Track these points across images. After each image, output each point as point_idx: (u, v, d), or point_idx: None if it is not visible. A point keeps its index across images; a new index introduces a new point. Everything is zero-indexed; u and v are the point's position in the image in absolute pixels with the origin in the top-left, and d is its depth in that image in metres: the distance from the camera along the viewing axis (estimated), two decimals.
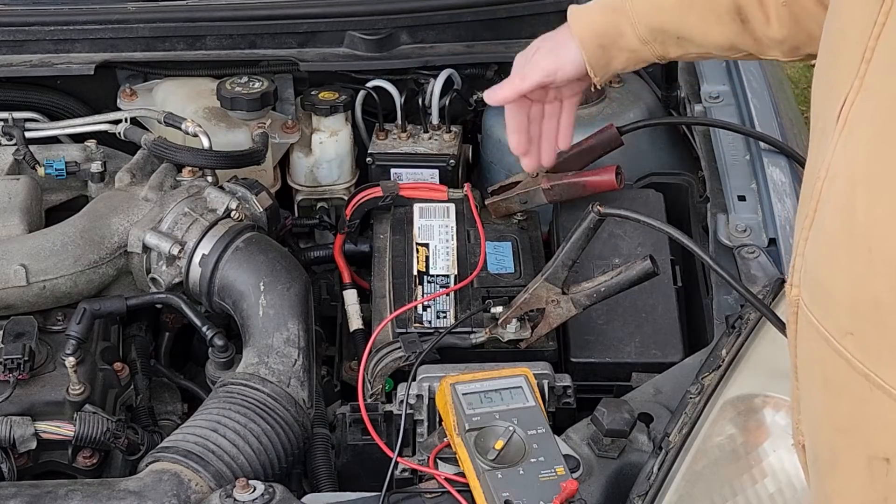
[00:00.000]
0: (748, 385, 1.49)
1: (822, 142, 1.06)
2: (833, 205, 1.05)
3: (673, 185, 2.08)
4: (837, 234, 1.04)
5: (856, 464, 1.08)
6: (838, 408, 1.09)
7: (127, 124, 2.10)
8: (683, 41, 1.69)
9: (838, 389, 1.08)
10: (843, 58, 1.04)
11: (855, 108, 1.02)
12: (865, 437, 1.07)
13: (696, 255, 1.63)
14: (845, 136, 1.03)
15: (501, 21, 2.29)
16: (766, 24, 1.61)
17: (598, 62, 1.73)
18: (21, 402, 1.70)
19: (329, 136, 2.20)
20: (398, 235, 1.97)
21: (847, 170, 1.03)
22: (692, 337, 1.81)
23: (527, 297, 1.71)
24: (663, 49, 1.71)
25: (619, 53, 1.73)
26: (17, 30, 2.22)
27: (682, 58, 1.78)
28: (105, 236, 1.88)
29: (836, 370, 1.06)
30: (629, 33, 1.69)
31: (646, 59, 1.74)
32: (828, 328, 1.07)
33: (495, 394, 1.53)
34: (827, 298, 1.07)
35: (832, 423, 1.11)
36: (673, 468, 1.44)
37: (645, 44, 1.70)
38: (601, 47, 1.72)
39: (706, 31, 1.66)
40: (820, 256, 1.08)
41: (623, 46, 1.71)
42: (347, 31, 2.25)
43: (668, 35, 1.69)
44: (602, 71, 1.75)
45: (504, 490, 1.41)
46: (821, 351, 1.08)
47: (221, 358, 1.80)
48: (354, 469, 1.74)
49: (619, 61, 1.74)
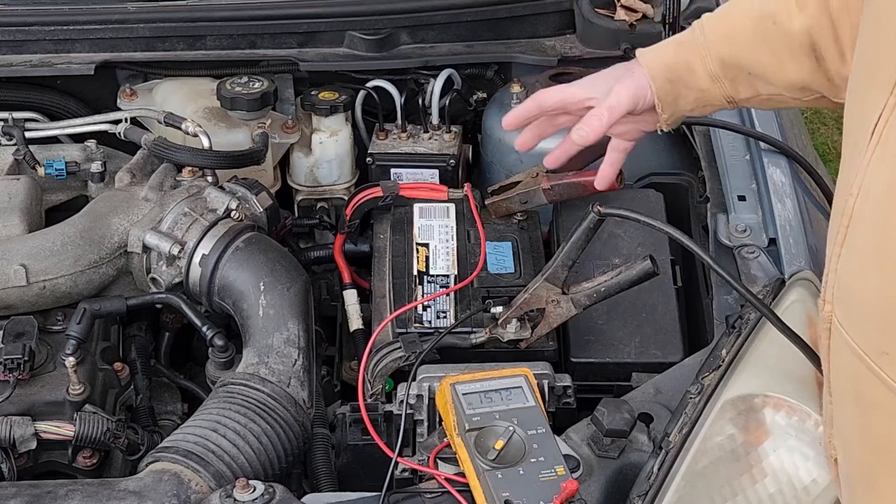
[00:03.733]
0: (748, 385, 1.49)
1: (855, 157, 1.05)
2: (866, 222, 1.04)
3: (673, 185, 2.08)
4: (870, 251, 1.03)
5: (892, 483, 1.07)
6: (871, 426, 1.08)
7: (127, 124, 2.11)
8: (754, 78, 1.63)
9: (871, 407, 1.07)
10: (880, 73, 1.03)
11: (890, 125, 1.00)
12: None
13: (696, 255, 1.62)
14: (879, 153, 1.02)
15: (501, 21, 2.29)
16: (841, 62, 1.53)
17: (667, 97, 1.68)
18: (21, 402, 1.70)
19: (329, 136, 2.20)
20: (398, 235, 1.97)
21: (880, 187, 1.02)
22: (692, 337, 1.81)
23: (527, 297, 1.71)
24: (733, 88, 1.64)
25: (687, 92, 1.67)
26: (17, 30, 2.23)
27: (752, 101, 1.68)
28: (105, 236, 1.88)
29: (870, 388, 1.05)
30: (699, 69, 1.64)
31: (714, 101, 1.67)
32: (862, 346, 1.06)
33: (495, 394, 1.54)
34: (860, 315, 1.06)
35: (866, 442, 1.10)
36: (673, 468, 1.44)
37: (714, 81, 1.64)
38: (670, 82, 1.67)
39: (779, 68, 1.59)
40: (853, 273, 1.07)
41: (692, 84, 1.66)
42: (347, 31, 2.25)
43: (740, 70, 1.63)
44: (670, 108, 1.69)
45: (504, 490, 1.41)
46: (854, 368, 1.07)
47: (221, 358, 1.80)
48: (354, 469, 1.74)
49: (688, 101, 1.68)
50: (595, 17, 2.26)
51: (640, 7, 2.26)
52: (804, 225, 1.79)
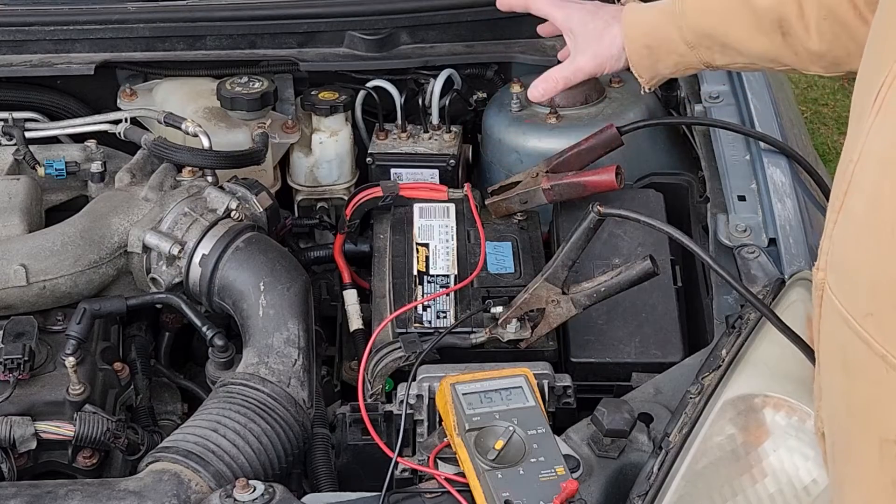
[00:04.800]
0: (748, 385, 1.49)
1: (858, 126, 1.06)
2: (862, 188, 1.05)
3: (673, 185, 2.08)
4: (864, 216, 1.04)
5: (868, 447, 1.08)
6: (855, 390, 1.09)
7: (127, 124, 2.10)
8: (728, 49, 1.68)
9: (856, 372, 1.07)
10: (887, 43, 1.03)
11: (892, 90, 1.01)
12: (879, 419, 1.06)
13: (696, 255, 1.62)
14: (880, 120, 1.02)
15: (501, 21, 2.29)
16: (807, 37, 1.59)
17: (643, 62, 1.74)
18: (21, 402, 1.70)
19: (329, 136, 2.20)
20: (398, 235, 1.97)
21: (878, 153, 1.02)
22: (692, 337, 1.81)
23: (527, 297, 1.71)
24: (709, 55, 1.71)
25: (666, 56, 1.73)
26: (17, 30, 2.23)
27: (729, 66, 1.76)
28: (105, 236, 1.88)
29: (855, 352, 1.06)
30: (676, 37, 1.69)
31: (693, 64, 1.74)
32: (849, 310, 1.06)
33: (495, 394, 1.53)
34: (850, 281, 1.07)
35: (848, 406, 1.10)
36: (673, 468, 1.44)
37: (691, 48, 1.70)
38: (647, 47, 1.73)
39: (748, 41, 1.66)
40: (847, 240, 1.07)
41: (671, 50, 1.72)
42: (347, 31, 2.25)
43: (714, 41, 1.68)
44: (648, 72, 1.76)
45: (504, 490, 1.41)
46: (842, 334, 1.07)
47: (221, 358, 1.80)
48: (354, 469, 1.74)
49: (667, 64, 1.74)
50: None
51: None
52: (804, 225, 1.79)
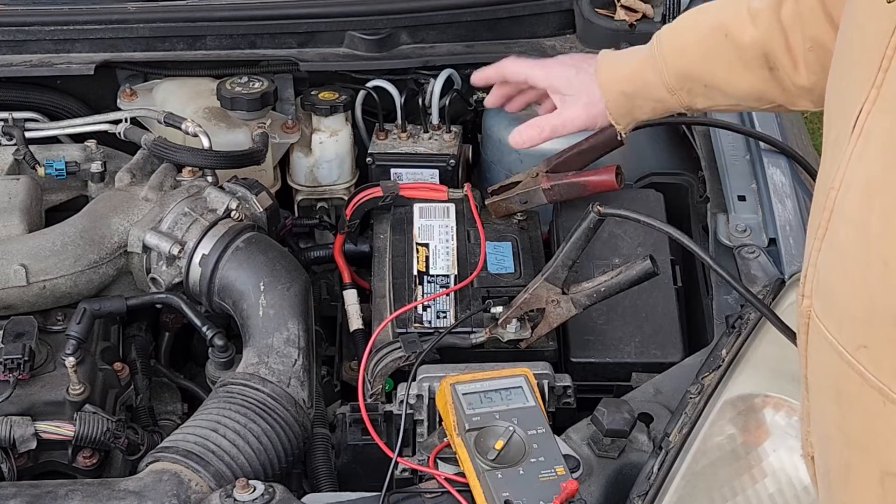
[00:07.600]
0: (748, 385, 1.49)
1: (836, 151, 1.05)
2: (847, 216, 1.03)
3: (673, 185, 2.09)
4: (851, 246, 1.03)
5: (868, 479, 1.07)
6: (850, 422, 1.08)
7: (127, 124, 2.10)
8: (711, 90, 1.64)
9: (851, 403, 1.06)
10: (858, 66, 1.02)
11: (871, 117, 1.00)
12: (878, 452, 1.06)
13: (696, 255, 1.62)
14: (861, 147, 1.01)
15: (501, 21, 2.28)
16: (795, 71, 1.55)
17: (620, 110, 1.72)
18: (21, 402, 1.70)
19: (329, 136, 2.20)
20: (398, 235, 1.97)
21: (862, 181, 1.01)
22: (692, 337, 1.81)
23: (527, 297, 1.71)
24: (690, 98, 1.67)
25: (643, 103, 1.70)
26: (17, 30, 2.22)
27: (710, 108, 1.74)
28: (105, 236, 1.88)
29: (848, 383, 1.05)
30: (657, 82, 1.66)
31: (672, 108, 1.71)
32: (841, 341, 1.05)
33: (495, 394, 1.54)
34: (840, 311, 1.06)
35: (844, 437, 1.09)
36: (673, 468, 1.44)
37: (672, 93, 1.66)
38: (624, 95, 1.71)
39: (733, 80, 1.61)
40: (833, 268, 1.06)
41: (648, 96, 1.69)
42: (347, 31, 2.25)
43: (695, 83, 1.65)
44: (624, 119, 1.73)
45: (504, 490, 1.41)
46: (833, 364, 1.06)
47: (221, 358, 1.80)
48: (354, 469, 1.74)
49: (644, 110, 1.72)
50: (595, 17, 2.26)
51: (640, 7, 2.26)
52: (804, 225, 1.79)
